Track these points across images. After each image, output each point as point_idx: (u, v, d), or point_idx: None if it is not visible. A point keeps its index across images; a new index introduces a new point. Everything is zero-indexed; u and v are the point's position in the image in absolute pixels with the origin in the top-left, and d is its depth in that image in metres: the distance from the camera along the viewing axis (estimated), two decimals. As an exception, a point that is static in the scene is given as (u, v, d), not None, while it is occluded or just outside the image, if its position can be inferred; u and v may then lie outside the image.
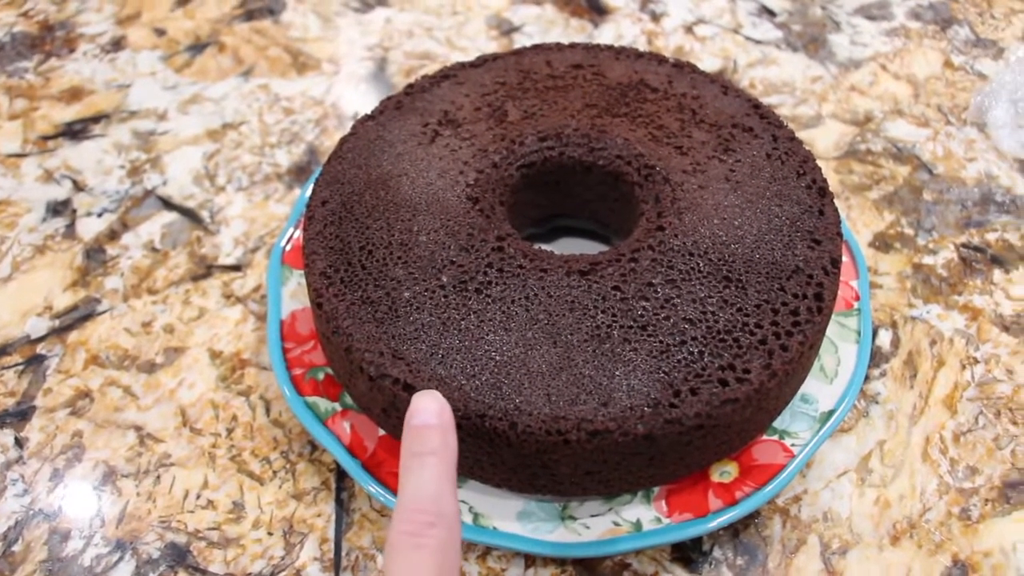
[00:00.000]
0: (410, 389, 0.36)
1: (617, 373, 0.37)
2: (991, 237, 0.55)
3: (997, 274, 0.53)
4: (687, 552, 0.42)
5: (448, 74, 0.50)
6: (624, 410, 0.36)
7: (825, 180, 0.44)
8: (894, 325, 0.50)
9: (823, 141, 0.61)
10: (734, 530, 0.42)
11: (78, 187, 0.59)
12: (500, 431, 0.35)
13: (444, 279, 0.40)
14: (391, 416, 0.38)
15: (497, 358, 0.37)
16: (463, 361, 0.37)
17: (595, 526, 0.40)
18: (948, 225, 0.56)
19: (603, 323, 0.38)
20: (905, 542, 0.42)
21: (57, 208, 0.58)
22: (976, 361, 0.49)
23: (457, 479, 0.41)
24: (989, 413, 0.46)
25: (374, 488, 0.40)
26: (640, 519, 0.40)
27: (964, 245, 0.54)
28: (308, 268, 0.41)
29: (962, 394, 0.47)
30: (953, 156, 0.60)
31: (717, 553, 0.42)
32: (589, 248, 0.51)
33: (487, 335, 0.38)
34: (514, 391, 0.36)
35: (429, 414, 0.33)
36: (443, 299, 0.39)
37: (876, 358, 0.49)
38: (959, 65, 0.67)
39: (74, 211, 0.57)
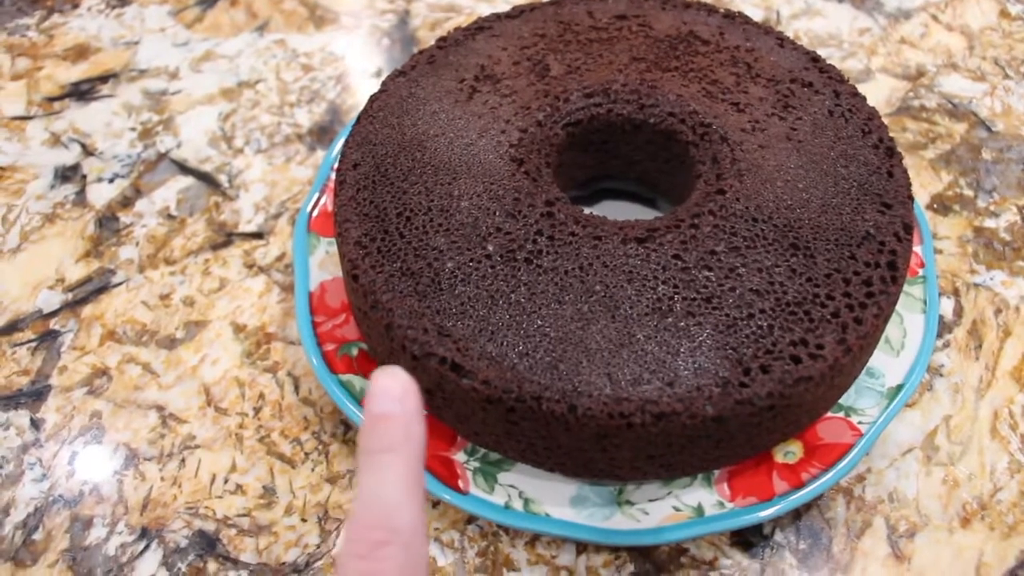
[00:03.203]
0: (458, 369, 0.34)
1: (682, 350, 0.34)
2: (1056, 198, 0.52)
3: (1063, 237, 0.50)
4: (747, 536, 0.39)
5: (483, 26, 0.47)
6: (691, 390, 0.33)
7: (892, 139, 0.41)
8: (956, 293, 0.47)
9: (874, 97, 0.57)
10: (796, 512, 0.40)
11: (87, 151, 0.56)
12: (558, 414, 0.33)
13: (490, 248, 0.37)
14: (436, 397, 0.36)
15: (552, 334, 0.34)
16: (515, 338, 0.34)
17: (654, 511, 0.37)
18: (1009, 186, 0.52)
19: (664, 295, 0.35)
20: (976, 524, 0.40)
21: (66, 174, 0.54)
22: (1045, 331, 0.46)
23: (504, 462, 0.38)
24: (1060, 386, 0.44)
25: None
26: (701, 503, 0.37)
27: (1027, 207, 0.51)
28: (341, 237, 0.38)
29: (1031, 366, 0.45)
30: (1013, 112, 0.56)
31: (779, 537, 0.39)
32: (635, 211, 0.48)
33: (540, 309, 0.35)
34: (572, 370, 0.33)
35: (388, 399, 0.26)
36: (490, 270, 0.36)
37: (939, 328, 0.46)
38: (1016, 15, 0.63)
39: (84, 177, 0.54)
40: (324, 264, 0.45)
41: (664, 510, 0.37)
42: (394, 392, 0.26)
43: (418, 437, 0.26)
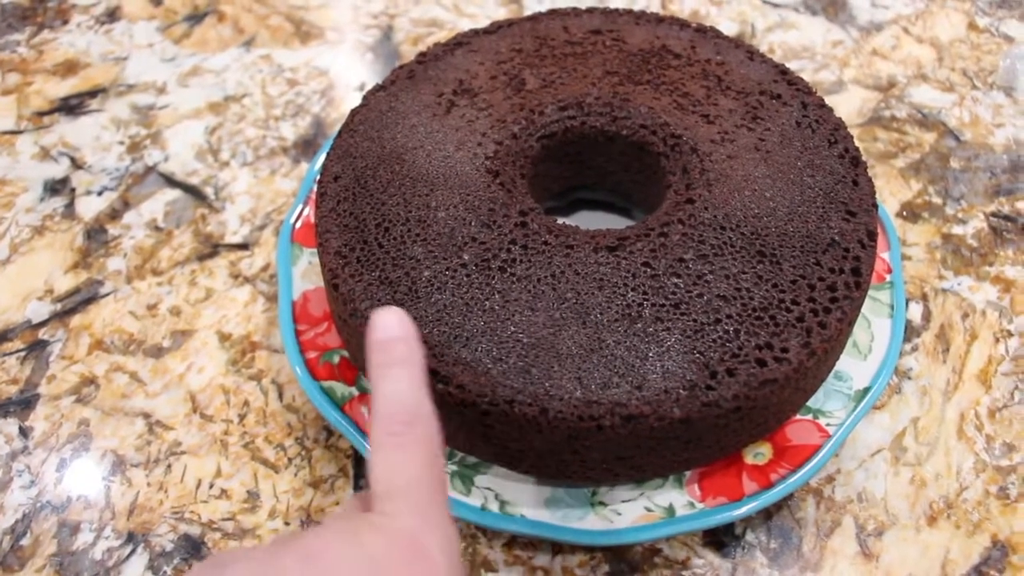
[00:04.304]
0: (434, 374, 0.35)
1: (650, 354, 0.35)
2: (1022, 205, 0.53)
3: (1029, 244, 0.51)
4: (719, 536, 0.40)
5: (461, 41, 0.48)
6: (659, 393, 0.34)
7: (858, 149, 0.43)
8: (924, 298, 0.49)
9: (846, 107, 0.59)
10: (767, 512, 0.41)
11: (76, 164, 0.57)
12: (530, 417, 0.34)
13: (466, 257, 0.38)
14: (414, 402, 0.37)
15: (524, 340, 0.35)
16: (489, 344, 0.35)
17: (627, 512, 0.38)
18: (977, 193, 0.54)
19: (634, 301, 0.37)
20: (942, 522, 0.41)
21: (55, 187, 0.56)
22: (1010, 334, 0.47)
23: (480, 465, 0.39)
24: (1025, 388, 0.45)
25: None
26: (673, 504, 0.38)
27: (994, 214, 0.53)
28: (322, 247, 0.40)
29: (996, 368, 0.46)
30: (980, 122, 0.58)
31: (750, 537, 0.40)
32: (610, 221, 0.49)
33: (513, 316, 0.36)
34: (544, 375, 0.34)
35: (391, 327, 0.32)
36: (465, 278, 0.37)
37: (907, 332, 0.47)
38: (984, 27, 0.65)
39: (73, 190, 0.55)
40: (307, 274, 0.46)
41: (636, 511, 0.38)
42: (393, 322, 0.32)
43: (419, 353, 0.32)
